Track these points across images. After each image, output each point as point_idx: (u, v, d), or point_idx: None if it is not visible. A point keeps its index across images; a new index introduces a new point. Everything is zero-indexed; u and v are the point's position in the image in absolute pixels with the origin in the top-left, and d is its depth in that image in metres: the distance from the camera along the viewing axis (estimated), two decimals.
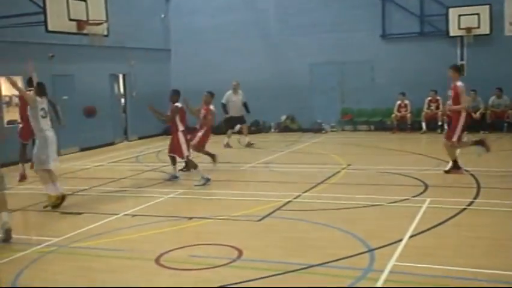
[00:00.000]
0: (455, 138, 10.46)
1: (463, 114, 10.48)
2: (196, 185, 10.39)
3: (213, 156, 12.44)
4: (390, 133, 18.09)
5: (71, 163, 14.21)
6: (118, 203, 9.36)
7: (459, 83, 10.51)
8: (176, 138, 10.93)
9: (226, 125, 16.07)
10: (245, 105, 16.19)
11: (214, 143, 14.08)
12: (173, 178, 11.10)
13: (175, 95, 11.18)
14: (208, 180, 10.47)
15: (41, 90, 9.19)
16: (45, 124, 9.12)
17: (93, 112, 10.55)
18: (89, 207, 9.13)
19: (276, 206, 8.47)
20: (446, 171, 10.61)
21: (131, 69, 18.99)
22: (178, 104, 11.06)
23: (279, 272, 5.69)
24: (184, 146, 10.88)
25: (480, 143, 10.91)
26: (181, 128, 10.92)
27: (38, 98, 9.07)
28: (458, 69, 10.91)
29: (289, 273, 5.66)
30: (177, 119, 10.89)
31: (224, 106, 15.57)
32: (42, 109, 9.11)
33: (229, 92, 15.82)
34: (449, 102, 11.00)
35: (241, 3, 20.48)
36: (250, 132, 17.36)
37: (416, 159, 12.78)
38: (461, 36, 17.74)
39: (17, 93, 11.92)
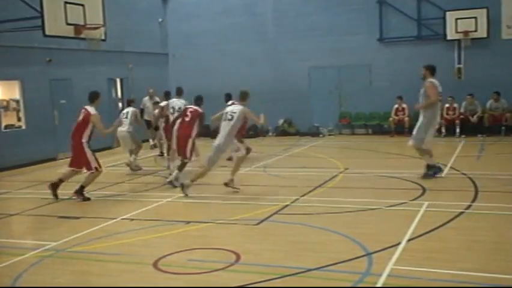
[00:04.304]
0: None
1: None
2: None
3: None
4: (388, 137, 18.10)
5: None
6: (116, 207, 9.35)
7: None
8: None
9: (147, 127, 16.11)
10: None
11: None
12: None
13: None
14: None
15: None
16: None
17: None
18: (87, 211, 9.13)
19: (273, 210, 8.47)
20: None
21: (129, 74, 18.99)
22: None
23: (277, 275, 5.69)
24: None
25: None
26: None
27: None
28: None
29: (288, 277, 5.66)
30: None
31: (142, 111, 16.14)
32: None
33: (146, 98, 16.73)
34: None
35: (239, 8, 20.50)
36: (248, 136, 17.21)
37: (414, 163, 12.76)
38: (459, 40, 17.75)
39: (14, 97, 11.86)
